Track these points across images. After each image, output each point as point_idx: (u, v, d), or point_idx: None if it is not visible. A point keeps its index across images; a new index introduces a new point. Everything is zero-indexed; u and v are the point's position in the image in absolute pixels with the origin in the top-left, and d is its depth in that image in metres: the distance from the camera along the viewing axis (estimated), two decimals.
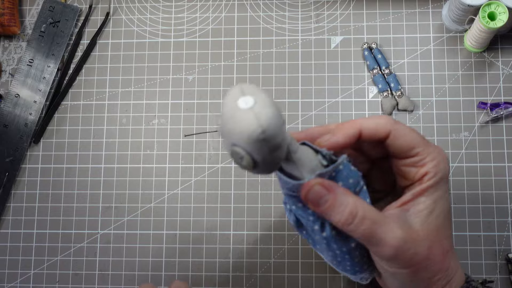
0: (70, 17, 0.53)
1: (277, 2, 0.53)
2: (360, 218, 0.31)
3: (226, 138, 0.28)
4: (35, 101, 0.52)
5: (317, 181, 0.31)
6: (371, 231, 0.31)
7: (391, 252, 0.31)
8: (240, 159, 0.28)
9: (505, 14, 0.46)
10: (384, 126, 0.33)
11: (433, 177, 0.33)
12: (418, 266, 0.33)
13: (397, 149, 0.34)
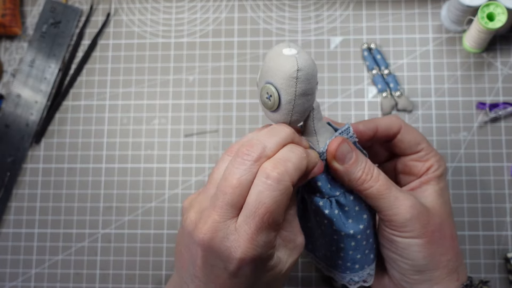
0: (71, 17, 0.54)
1: (277, 3, 0.53)
2: (376, 174, 0.33)
3: (263, 77, 0.31)
4: (36, 101, 0.52)
5: (343, 139, 0.33)
6: (387, 187, 0.33)
7: (406, 212, 0.33)
8: (268, 97, 0.30)
9: (504, 15, 0.46)
10: (396, 122, 0.37)
11: (437, 169, 0.36)
12: (431, 237, 0.34)
13: (406, 143, 0.37)
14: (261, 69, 0.31)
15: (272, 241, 0.29)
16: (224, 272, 0.30)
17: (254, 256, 0.29)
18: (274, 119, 0.32)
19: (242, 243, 0.29)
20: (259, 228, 0.28)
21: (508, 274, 0.47)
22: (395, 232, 0.34)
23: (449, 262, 0.35)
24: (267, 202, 0.28)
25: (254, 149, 0.29)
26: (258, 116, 0.51)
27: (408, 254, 0.34)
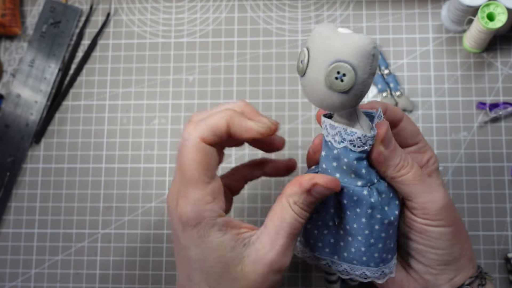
0: (71, 17, 0.54)
1: (277, 3, 0.53)
2: (412, 161, 0.33)
3: (323, 56, 0.28)
4: (36, 101, 0.52)
5: (388, 124, 0.33)
6: (421, 174, 0.33)
7: (440, 200, 0.33)
8: (341, 76, 0.28)
9: (504, 15, 0.46)
10: (400, 110, 0.37)
11: (435, 161, 0.37)
12: (457, 225, 0.35)
13: (408, 132, 0.37)
14: (311, 49, 0.29)
15: (201, 199, 0.31)
16: (178, 241, 0.33)
17: (188, 211, 0.31)
18: (341, 102, 0.29)
19: (178, 200, 0.32)
20: (184, 185, 0.32)
21: (508, 274, 0.47)
22: (428, 221, 0.34)
23: (468, 251, 0.36)
24: (183, 159, 0.32)
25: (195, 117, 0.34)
26: None
27: (440, 243, 0.34)
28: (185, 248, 0.32)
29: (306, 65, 0.29)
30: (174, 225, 0.33)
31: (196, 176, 0.31)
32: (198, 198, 0.31)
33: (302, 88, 0.30)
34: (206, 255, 0.31)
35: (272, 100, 0.51)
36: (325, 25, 0.29)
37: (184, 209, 0.31)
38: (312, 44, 0.29)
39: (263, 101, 0.51)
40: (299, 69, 0.30)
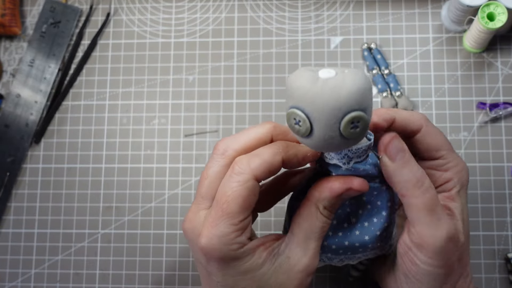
0: (71, 17, 0.53)
1: (277, 3, 0.53)
2: (429, 184, 0.30)
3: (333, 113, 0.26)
4: (36, 101, 0.52)
5: (397, 136, 0.30)
6: (434, 203, 0.30)
7: (442, 241, 0.30)
8: (356, 123, 0.26)
9: (504, 15, 0.46)
10: (418, 120, 0.33)
11: (457, 183, 0.33)
12: (451, 268, 0.32)
13: (425, 147, 0.34)
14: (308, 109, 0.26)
15: (230, 234, 0.30)
16: (202, 267, 0.32)
17: (213, 246, 0.30)
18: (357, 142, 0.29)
19: (203, 230, 0.30)
20: (218, 216, 0.30)
21: (508, 274, 0.47)
22: (422, 257, 0.31)
23: (463, 284, 0.33)
24: (226, 191, 0.30)
25: (221, 144, 0.32)
26: (258, 116, 0.51)
27: (426, 281, 0.32)
28: (213, 275, 0.31)
29: (309, 126, 0.27)
30: (197, 254, 0.32)
31: (236, 212, 0.30)
32: (228, 232, 0.30)
33: (305, 144, 0.29)
34: (237, 279, 0.31)
35: (272, 100, 0.51)
36: (304, 76, 0.26)
37: (209, 242, 0.30)
38: (305, 104, 0.26)
39: (263, 101, 0.51)
40: (299, 132, 0.27)
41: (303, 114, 0.26)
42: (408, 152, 0.30)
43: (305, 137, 0.28)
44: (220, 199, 0.30)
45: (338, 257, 0.35)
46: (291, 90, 0.27)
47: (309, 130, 0.27)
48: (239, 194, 0.30)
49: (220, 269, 0.30)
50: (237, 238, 0.30)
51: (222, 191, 0.30)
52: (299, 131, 0.27)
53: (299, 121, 0.27)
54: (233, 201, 0.30)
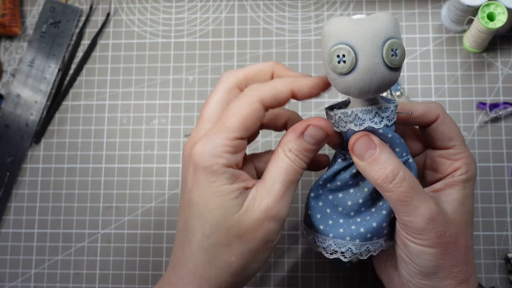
0: (71, 17, 0.53)
1: (277, 3, 0.53)
2: (400, 178, 0.31)
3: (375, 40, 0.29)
4: (36, 101, 0.52)
5: (364, 134, 0.31)
6: (408, 196, 0.31)
7: (423, 222, 0.31)
8: (395, 51, 0.29)
9: (504, 15, 0.46)
10: (435, 109, 0.35)
11: (465, 173, 0.34)
12: (445, 248, 0.32)
13: (439, 135, 0.35)
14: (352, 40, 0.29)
15: (222, 146, 0.31)
16: (186, 189, 0.33)
17: (203, 154, 0.31)
18: (396, 77, 0.30)
19: (199, 140, 0.32)
20: (216, 129, 0.31)
21: (508, 274, 0.47)
22: (409, 237, 0.32)
23: (459, 273, 0.34)
24: (230, 108, 0.32)
25: (225, 74, 0.34)
26: None
27: (418, 260, 0.33)
28: (190, 191, 0.32)
29: (353, 59, 0.29)
30: (185, 168, 0.33)
31: (234, 127, 0.31)
32: (220, 144, 0.31)
33: (345, 86, 0.30)
34: (209, 199, 0.31)
35: None
36: (340, 19, 0.29)
37: (202, 149, 0.31)
38: (348, 36, 0.29)
39: None
40: (344, 68, 0.29)
41: (347, 46, 0.29)
42: (380, 147, 0.31)
43: (349, 72, 0.29)
44: (223, 116, 0.32)
45: (365, 245, 0.34)
46: (333, 30, 0.29)
47: (355, 61, 0.29)
48: (241, 111, 0.31)
49: (201, 181, 0.31)
50: (226, 154, 0.31)
51: (227, 109, 0.32)
52: (343, 68, 0.29)
53: (343, 56, 0.29)
54: (234, 117, 0.31)
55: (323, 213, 0.35)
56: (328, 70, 0.30)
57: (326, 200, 0.35)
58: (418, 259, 0.33)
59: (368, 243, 0.34)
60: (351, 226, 0.34)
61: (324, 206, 0.35)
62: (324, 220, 0.34)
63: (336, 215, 0.35)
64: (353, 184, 0.34)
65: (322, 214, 0.35)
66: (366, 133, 0.32)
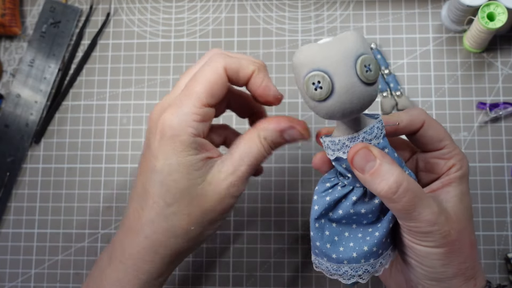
0: (71, 17, 0.53)
1: (277, 3, 0.53)
2: (404, 189, 0.30)
3: (347, 60, 0.29)
4: (36, 101, 0.52)
5: (364, 145, 0.31)
6: (412, 204, 0.31)
7: (428, 226, 0.31)
8: (369, 67, 0.29)
9: (504, 15, 0.46)
10: (419, 116, 0.35)
11: (459, 169, 0.35)
12: (451, 246, 0.32)
13: (428, 139, 0.35)
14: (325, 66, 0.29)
15: (191, 115, 0.32)
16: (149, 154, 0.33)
17: (172, 122, 0.32)
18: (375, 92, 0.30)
19: (168, 108, 0.33)
20: (184, 95, 0.33)
21: (508, 274, 0.47)
22: (415, 240, 0.32)
23: (467, 270, 0.34)
24: (200, 76, 0.33)
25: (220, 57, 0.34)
26: None
27: (427, 262, 0.33)
28: (154, 157, 0.33)
29: (329, 83, 0.28)
30: (151, 133, 0.34)
31: (200, 93, 0.32)
32: (189, 112, 0.32)
33: (327, 111, 0.30)
34: (173, 168, 0.32)
35: None
36: (308, 47, 0.29)
37: (170, 117, 0.32)
38: (320, 62, 0.29)
39: None
40: (321, 94, 0.29)
41: (320, 72, 0.28)
42: (380, 158, 0.31)
43: (327, 97, 0.29)
44: (190, 82, 0.33)
45: (379, 261, 0.34)
46: (303, 59, 0.29)
47: (331, 86, 0.29)
48: (207, 77, 0.32)
49: (167, 149, 0.32)
50: (194, 123, 0.32)
51: (194, 76, 0.33)
52: (321, 94, 0.29)
53: (318, 82, 0.29)
54: (201, 83, 0.32)
55: (331, 242, 0.34)
56: (307, 99, 0.30)
57: (331, 228, 0.34)
58: (426, 260, 0.33)
59: (380, 258, 0.34)
60: (363, 247, 0.33)
61: (331, 235, 0.34)
62: (335, 249, 0.34)
63: (345, 241, 0.34)
64: (355, 214, 0.34)
65: (331, 243, 0.34)
66: (365, 144, 0.31)
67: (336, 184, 0.34)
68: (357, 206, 0.33)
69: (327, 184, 0.34)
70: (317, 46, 0.29)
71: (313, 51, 0.29)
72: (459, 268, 0.33)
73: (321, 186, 0.34)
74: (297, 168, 0.50)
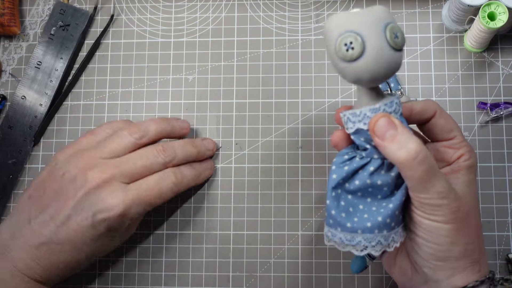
0: (80, 21, 0.53)
1: (277, 2, 0.53)
2: (423, 157, 0.31)
3: (378, 26, 0.31)
4: (41, 104, 0.52)
5: (385, 114, 0.32)
6: (429, 174, 0.32)
7: (439, 198, 0.32)
8: (397, 34, 0.31)
9: (505, 14, 0.46)
10: (432, 106, 0.36)
11: (468, 159, 0.36)
12: (459, 224, 0.33)
13: (439, 129, 0.36)
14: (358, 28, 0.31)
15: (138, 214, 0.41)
16: (89, 218, 0.39)
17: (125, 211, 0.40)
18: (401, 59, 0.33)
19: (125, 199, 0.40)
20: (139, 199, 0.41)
21: (509, 275, 0.46)
22: (424, 214, 0.33)
23: (473, 252, 0.34)
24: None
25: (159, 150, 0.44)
26: (258, 116, 0.51)
27: (435, 238, 0.34)
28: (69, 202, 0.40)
29: (361, 44, 0.30)
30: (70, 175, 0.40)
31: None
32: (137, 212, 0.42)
33: (356, 73, 0.31)
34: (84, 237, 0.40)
35: (272, 100, 0.51)
36: (339, 14, 0.31)
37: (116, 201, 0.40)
38: (353, 25, 0.30)
39: (263, 101, 0.51)
40: (353, 54, 0.30)
41: (353, 33, 0.30)
42: (400, 127, 0.32)
43: (358, 57, 0.30)
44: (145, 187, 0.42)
45: (391, 235, 0.34)
46: (335, 23, 0.31)
47: (363, 46, 0.30)
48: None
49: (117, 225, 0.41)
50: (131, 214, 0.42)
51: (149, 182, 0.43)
52: (353, 54, 0.30)
53: (350, 43, 0.30)
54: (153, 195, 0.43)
55: (346, 211, 0.35)
56: (336, 61, 0.32)
57: (346, 199, 0.35)
58: (434, 236, 0.33)
59: (392, 232, 0.34)
60: (377, 217, 0.34)
61: (347, 206, 0.35)
62: (350, 218, 0.34)
63: (359, 212, 0.35)
64: (371, 185, 0.34)
65: (346, 213, 0.35)
66: (385, 114, 0.32)
67: (353, 157, 0.35)
68: (374, 177, 0.34)
69: (345, 156, 0.35)
70: (348, 13, 0.31)
71: (345, 16, 0.31)
72: (465, 249, 0.34)
73: (339, 158, 0.35)
74: (297, 168, 0.50)
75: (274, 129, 0.50)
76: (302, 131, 0.50)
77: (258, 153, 0.50)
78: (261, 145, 0.50)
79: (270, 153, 0.50)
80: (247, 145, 0.50)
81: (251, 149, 0.50)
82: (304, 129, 0.50)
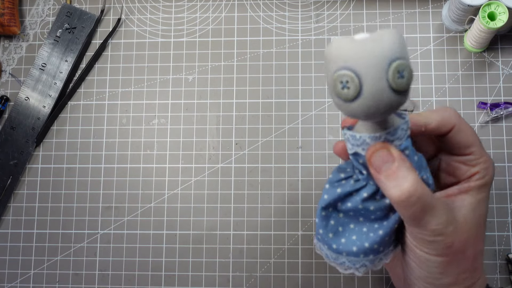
0: (86, 24, 0.53)
1: (277, 2, 0.53)
2: (416, 198, 0.30)
3: (379, 63, 0.27)
4: (44, 106, 0.52)
5: (384, 146, 0.30)
6: (421, 213, 0.30)
7: (432, 236, 0.31)
8: (402, 73, 0.27)
9: (505, 14, 0.46)
10: (450, 120, 0.33)
11: (482, 178, 0.33)
12: (452, 257, 0.32)
13: (456, 143, 0.34)
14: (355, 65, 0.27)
15: None
16: None
17: None
18: (405, 99, 0.29)
19: None
20: None
21: (509, 275, 0.46)
22: (417, 245, 0.32)
23: (465, 280, 0.33)
24: None
25: None
26: (258, 116, 0.51)
27: (424, 267, 0.33)
28: None
29: (357, 85, 0.27)
30: None
31: None
32: None
33: (351, 112, 0.28)
34: None
35: (272, 100, 0.51)
36: (342, 40, 0.27)
37: None
38: (351, 61, 0.27)
39: (263, 101, 0.51)
40: (348, 95, 0.27)
41: (350, 72, 0.27)
42: (398, 160, 0.30)
43: (353, 99, 0.27)
44: None
45: (379, 257, 0.34)
46: (334, 55, 0.27)
47: (359, 88, 0.27)
48: None
49: None
50: None
51: None
52: (347, 95, 0.27)
53: (346, 82, 0.27)
54: None
55: (335, 231, 0.34)
56: (333, 95, 0.29)
57: (337, 218, 0.34)
58: (424, 265, 0.33)
59: (380, 255, 0.33)
60: (364, 243, 0.33)
61: (336, 225, 0.34)
62: (337, 239, 0.34)
63: (348, 232, 0.34)
64: (363, 209, 0.33)
65: (334, 233, 0.34)
66: (385, 144, 0.30)
67: (350, 176, 0.33)
68: (366, 203, 0.33)
69: (341, 174, 0.33)
70: (351, 42, 0.27)
71: (347, 47, 0.27)
72: (456, 278, 0.33)
73: (335, 175, 0.33)
74: (297, 168, 0.50)
75: (274, 129, 0.50)
76: (302, 131, 0.50)
77: (258, 153, 0.50)
78: (261, 145, 0.50)
79: (270, 153, 0.50)
80: (247, 145, 0.50)
81: (251, 149, 0.50)
82: (304, 129, 0.50)
